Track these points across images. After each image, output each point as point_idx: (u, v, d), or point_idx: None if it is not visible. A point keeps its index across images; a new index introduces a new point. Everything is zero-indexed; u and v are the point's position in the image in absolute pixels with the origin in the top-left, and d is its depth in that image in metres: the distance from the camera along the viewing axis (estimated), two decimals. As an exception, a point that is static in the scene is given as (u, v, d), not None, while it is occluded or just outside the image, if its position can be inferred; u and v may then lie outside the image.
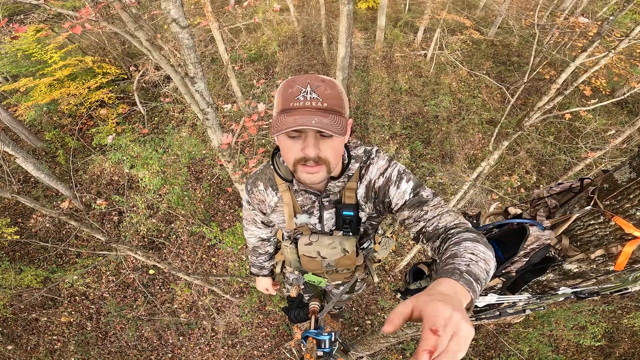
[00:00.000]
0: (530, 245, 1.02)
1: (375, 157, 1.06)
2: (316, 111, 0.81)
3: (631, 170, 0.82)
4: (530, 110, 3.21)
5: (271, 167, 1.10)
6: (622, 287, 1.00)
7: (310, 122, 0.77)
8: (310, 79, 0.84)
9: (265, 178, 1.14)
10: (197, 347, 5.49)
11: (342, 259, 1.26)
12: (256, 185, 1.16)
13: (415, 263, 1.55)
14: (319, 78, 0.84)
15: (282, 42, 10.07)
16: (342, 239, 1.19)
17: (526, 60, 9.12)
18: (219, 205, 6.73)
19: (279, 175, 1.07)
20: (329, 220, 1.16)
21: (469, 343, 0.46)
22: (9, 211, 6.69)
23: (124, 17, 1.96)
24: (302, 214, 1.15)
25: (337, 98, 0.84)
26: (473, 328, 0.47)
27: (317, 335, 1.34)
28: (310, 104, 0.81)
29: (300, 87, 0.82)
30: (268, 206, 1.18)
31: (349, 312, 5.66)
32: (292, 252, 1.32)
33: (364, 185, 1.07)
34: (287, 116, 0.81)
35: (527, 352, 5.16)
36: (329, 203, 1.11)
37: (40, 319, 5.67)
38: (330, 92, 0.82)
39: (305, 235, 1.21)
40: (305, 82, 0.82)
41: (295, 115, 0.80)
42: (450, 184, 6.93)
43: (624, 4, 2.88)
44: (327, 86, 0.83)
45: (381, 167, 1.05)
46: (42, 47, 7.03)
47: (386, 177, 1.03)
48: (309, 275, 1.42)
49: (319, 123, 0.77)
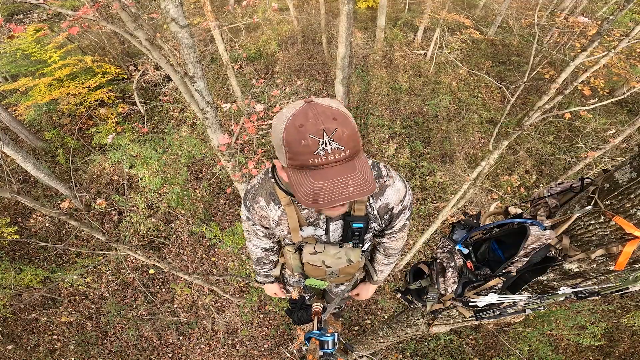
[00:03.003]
0: (531, 245, 1.01)
1: (387, 177, 1.06)
2: (343, 166, 0.75)
3: (632, 170, 0.82)
4: (530, 110, 3.21)
5: (271, 181, 1.06)
6: (622, 286, 1.00)
7: (348, 192, 0.72)
8: (322, 118, 0.72)
9: (266, 192, 1.08)
10: (197, 346, 5.49)
11: (346, 267, 1.26)
12: (257, 202, 1.10)
13: (416, 263, 1.55)
14: (329, 114, 0.73)
15: (281, 42, 10.06)
16: (348, 250, 1.18)
17: (526, 60, 9.11)
18: (219, 205, 6.73)
19: (281, 189, 1.03)
20: (335, 231, 1.14)
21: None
22: (8, 211, 6.68)
23: (123, 17, 1.95)
24: (307, 227, 1.12)
25: (354, 136, 0.75)
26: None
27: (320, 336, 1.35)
28: (333, 157, 0.72)
29: (315, 138, 0.71)
30: (272, 221, 1.13)
31: (349, 312, 5.66)
32: (295, 259, 1.30)
33: (378, 204, 1.08)
34: (312, 178, 0.74)
35: (527, 351, 5.17)
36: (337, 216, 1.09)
37: (40, 318, 5.66)
38: (347, 132, 0.73)
39: (311, 244, 1.19)
40: (319, 128, 0.71)
41: (324, 179, 0.73)
42: (450, 183, 6.93)
43: (624, 3, 2.88)
44: (341, 126, 0.73)
45: (399, 192, 1.08)
46: (41, 47, 7.02)
47: (403, 206, 1.11)
48: (310, 279, 1.42)
49: (357, 189, 0.73)
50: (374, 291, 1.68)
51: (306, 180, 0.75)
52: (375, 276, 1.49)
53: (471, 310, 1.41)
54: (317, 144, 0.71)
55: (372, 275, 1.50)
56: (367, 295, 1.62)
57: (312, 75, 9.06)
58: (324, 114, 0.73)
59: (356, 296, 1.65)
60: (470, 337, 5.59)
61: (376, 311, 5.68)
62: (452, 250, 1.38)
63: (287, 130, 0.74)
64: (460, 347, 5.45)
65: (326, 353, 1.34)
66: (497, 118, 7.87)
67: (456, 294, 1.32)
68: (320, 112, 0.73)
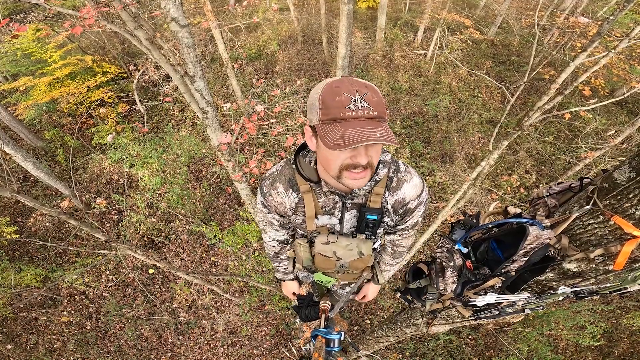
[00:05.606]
0: (530, 245, 1.02)
1: (405, 173, 1.08)
2: (370, 121, 0.80)
3: (631, 169, 0.82)
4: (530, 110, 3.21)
5: (292, 167, 1.09)
6: (621, 286, 1.01)
7: (375, 136, 0.76)
8: (356, 84, 0.81)
9: (285, 179, 1.10)
10: (197, 346, 5.49)
11: (356, 261, 1.27)
12: (275, 187, 1.12)
13: (415, 262, 1.55)
14: (362, 83, 0.82)
15: (282, 42, 10.05)
16: (360, 241, 1.19)
17: (526, 60, 9.12)
18: (219, 205, 6.73)
19: (302, 176, 1.05)
20: (349, 221, 1.16)
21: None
22: (8, 210, 6.69)
23: (123, 17, 1.95)
24: (322, 215, 1.14)
25: (382, 104, 0.83)
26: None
27: (327, 334, 1.35)
28: (362, 113, 0.79)
29: (349, 95, 0.79)
30: (289, 207, 1.15)
31: (349, 312, 5.66)
32: (305, 251, 1.31)
33: (394, 198, 1.10)
34: (341, 127, 0.79)
35: (526, 351, 5.17)
36: (352, 205, 1.11)
37: (40, 318, 5.66)
38: (376, 99, 0.82)
39: (323, 234, 1.20)
40: (353, 89, 0.80)
41: (352, 127, 0.78)
42: (450, 183, 6.93)
43: (624, 4, 2.88)
44: (372, 93, 0.82)
45: (417, 187, 1.10)
46: (41, 46, 7.02)
47: (419, 201, 1.13)
48: (319, 274, 1.42)
49: (383, 136, 0.77)
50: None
51: (335, 129, 0.80)
52: (381, 277, 1.51)
53: (470, 310, 1.41)
54: (350, 100, 0.79)
55: (377, 277, 1.51)
56: (373, 295, 1.64)
57: (312, 75, 9.06)
58: (358, 82, 0.83)
59: (363, 298, 1.66)
60: (470, 337, 5.60)
61: (376, 311, 5.68)
62: (452, 249, 1.38)
63: (324, 90, 0.82)
64: (460, 347, 5.45)
65: (327, 352, 1.34)
66: (497, 118, 7.87)
67: (455, 293, 1.33)
68: (354, 81, 0.83)
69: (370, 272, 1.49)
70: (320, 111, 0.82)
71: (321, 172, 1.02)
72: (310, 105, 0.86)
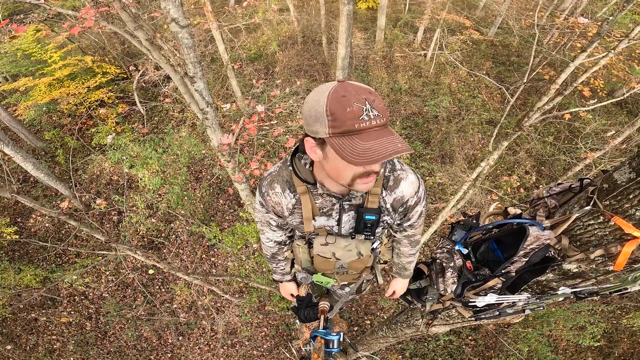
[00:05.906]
0: (530, 245, 1.02)
1: (401, 171, 1.09)
2: (383, 130, 0.81)
3: (631, 170, 0.82)
4: (530, 111, 3.21)
5: (289, 169, 1.08)
6: (621, 287, 1.01)
7: (397, 147, 0.78)
8: (360, 92, 0.80)
9: (282, 180, 1.11)
10: (197, 347, 5.49)
11: (355, 261, 1.26)
12: (272, 188, 1.12)
13: (415, 263, 1.55)
14: (364, 89, 0.81)
15: (282, 42, 10.06)
16: (359, 242, 1.19)
17: (526, 61, 9.12)
18: (219, 205, 6.73)
19: (299, 177, 1.05)
20: (347, 222, 1.15)
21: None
22: (8, 211, 6.68)
23: (123, 17, 1.95)
24: (320, 217, 1.14)
25: (385, 108, 0.83)
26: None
27: (326, 335, 1.34)
28: (375, 122, 0.79)
29: (359, 105, 0.78)
30: (285, 208, 1.15)
31: (349, 312, 5.66)
32: (304, 252, 1.31)
33: (392, 197, 1.10)
34: (360, 140, 0.79)
35: (526, 352, 5.16)
36: (350, 206, 1.11)
37: (40, 318, 5.66)
38: (381, 104, 0.81)
39: (322, 235, 1.19)
40: (361, 97, 0.79)
41: (370, 139, 0.79)
42: (450, 184, 6.93)
43: (623, 4, 2.88)
44: (376, 98, 0.81)
45: (414, 184, 1.10)
46: (41, 47, 7.02)
47: (418, 197, 1.14)
48: (318, 275, 1.42)
49: (404, 146, 0.78)
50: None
51: (353, 142, 0.79)
52: (408, 269, 1.52)
53: (470, 311, 1.41)
54: (362, 110, 0.78)
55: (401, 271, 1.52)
56: (403, 290, 1.64)
57: (312, 76, 9.06)
58: (360, 88, 0.81)
59: (392, 295, 1.66)
60: (470, 337, 5.59)
61: (376, 312, 5.68)
62: (452, 250, 1.38)
63: (331, 101, 0.79)
64: (460, 348, 5.45)
65: (326, 352, 1.34)
66: (497, 119, 7.87)
67: (455, 294, 1.33)
68: (356, 87, 0.81)
69: (369, 273, 1.48)
70: (329, 124, 0.80)
71: (319, 176, 1.02)
72: (313, 116, 0.82)
